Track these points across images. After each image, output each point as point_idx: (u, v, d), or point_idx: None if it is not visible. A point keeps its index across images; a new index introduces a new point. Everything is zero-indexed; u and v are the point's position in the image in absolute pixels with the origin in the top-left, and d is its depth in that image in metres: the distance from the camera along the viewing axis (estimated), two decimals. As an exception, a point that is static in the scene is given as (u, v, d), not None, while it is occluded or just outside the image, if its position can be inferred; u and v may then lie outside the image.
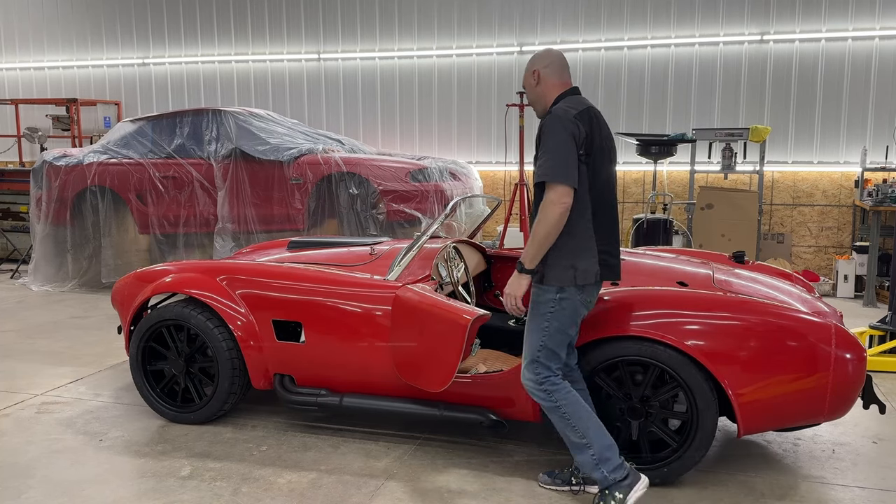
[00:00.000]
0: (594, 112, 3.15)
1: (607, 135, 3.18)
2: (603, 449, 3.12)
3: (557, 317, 3.11)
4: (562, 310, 3.10)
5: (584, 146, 3.03)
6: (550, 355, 3.14)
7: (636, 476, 3.15)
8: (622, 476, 3.11)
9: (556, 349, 3.14)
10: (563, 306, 3.10)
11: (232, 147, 7.49)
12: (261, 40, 10.08)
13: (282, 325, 4.04)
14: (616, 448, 3.16)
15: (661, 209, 7.94)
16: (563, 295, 3.09)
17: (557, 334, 3.12)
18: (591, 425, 3.13)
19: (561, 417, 3.14)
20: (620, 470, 3.12)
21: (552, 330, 3.12)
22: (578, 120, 3.03)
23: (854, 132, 8.21)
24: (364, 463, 3.74)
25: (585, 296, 3.14)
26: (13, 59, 11.27)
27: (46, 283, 8.07)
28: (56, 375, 5.13)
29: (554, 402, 3.13)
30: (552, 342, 3.12)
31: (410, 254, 4.01)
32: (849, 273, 7.61)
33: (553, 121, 3.04)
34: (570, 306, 3.11)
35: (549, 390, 3.13)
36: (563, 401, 3.12)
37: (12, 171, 9.66)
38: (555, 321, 3.11)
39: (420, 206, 7.12)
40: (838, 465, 3.72)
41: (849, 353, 3.28)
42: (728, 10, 8.36)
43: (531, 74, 3.23)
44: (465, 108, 9.38)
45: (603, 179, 3.16)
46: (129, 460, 3.79)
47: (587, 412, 3.15)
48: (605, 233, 3.18)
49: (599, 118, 3.17)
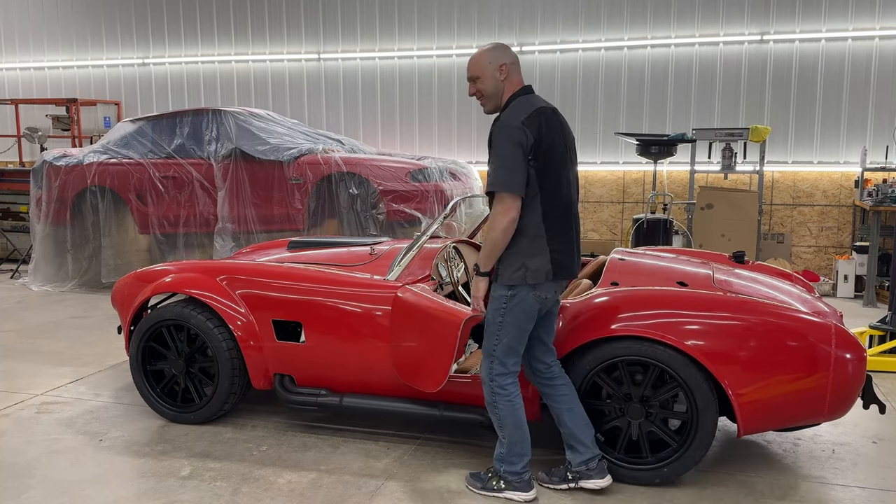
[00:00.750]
0: (546, 113, 3.16)
1: (561, 135, 3.20)
2: (512, 455, 3.34)
3: (511, 313, 3.21)
4: (514, 306, 3.20)
5: (533, 151, 3.08)
6: (507, 350, 3.24)
7: (529, 486, 3.35)
8: (515, 480, 3.35)
9: (512, 344, 3.24)
10: (514, 303, 3.19)
11: (232, 147, 7.49)
12: (261, 40, 10.08)
13: (282, 325, 4.04)
14: (525, 462, 3.35)
15: (661, 209, 7.94)
16: (514, 292, 3.19)
17: (511, 329, 3.22)
18: (516, 435, 3.31)
19: (493, 414, 3.34)
20: (516, 476, 3.34)
21: (505, 325, 3.22)
22: (526, 126, 3.07)
23: (854, 132, 8.21)
24: (364, 463, 3.74)
25: (539, 293, 3.21)
26: (13, 59, 11.27)
27: (46, 283, 8.07)
28: (56, 375, 5.13)
29: (494, 401, 3.30)
30: (506, 336, 3.23)
31: (410, 254, 4.01)
32: (849, 273, 7.61)
33: (500, 129, 3.10)
34: (523, 303, 3.19)
35: (495, 390, 3.28)
36: (501, 405, 3.28)
37: (12, 171, 9.66)
38: (508, 317, 3.21)
39: (420, 206, 7.12)
40: (838, 465, 3.72)
41: (849, 353, 3.28)
42: (728, 10, 8.36)
43: (498, 68, 3.18)
44: (465, 108, 9.37)
45: (555, 180, 3.18)
46: (129, 460, 3.79)
47: (516, 424, 3.30)
48: (557, 232, 3.21)
49: (551, 119, 3.17)
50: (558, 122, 3.22)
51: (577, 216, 3.35)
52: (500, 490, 3.37)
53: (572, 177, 3.31)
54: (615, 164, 8.92)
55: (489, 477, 3.42)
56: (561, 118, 3.27)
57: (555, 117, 3.21)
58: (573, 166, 3.32)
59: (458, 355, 3.43)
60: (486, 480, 3.42)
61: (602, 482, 3.38)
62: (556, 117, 3.23)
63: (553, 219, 3.19)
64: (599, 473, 3.38)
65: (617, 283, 3.77)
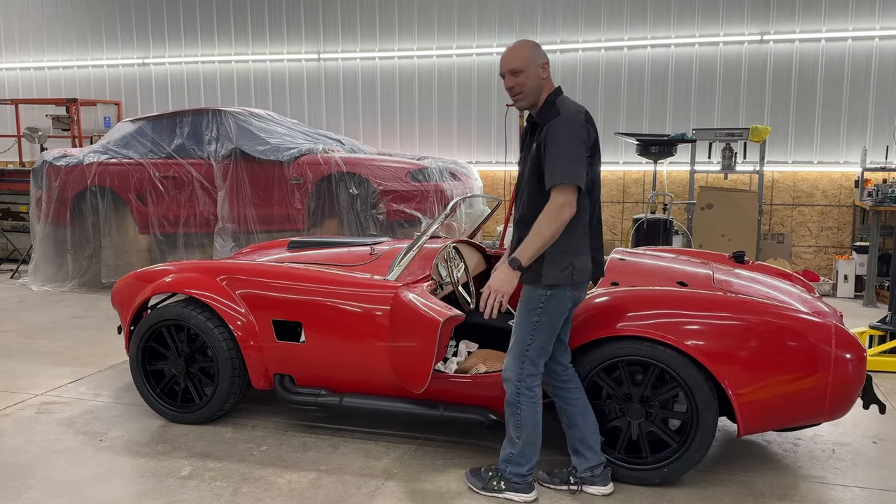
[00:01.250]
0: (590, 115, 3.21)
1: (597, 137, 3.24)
2: (523, 456, 3.32)
3: (548, 312, 3.18)
4: (552, 306, 3.17)
5: (590, 150, 3.11)
6: (540, 351, 3.22)
7: (531, 488, 3.34)
8: (517, 482, 3.33)
9: (545, 345, 3.22)
10: (553, 303, 3.17)
11: (232, 147, 7.49)
12: (261, 40, 10.08)
13: (282, 325, 4.04)
14: (532, 465, 3.33)
15: (661, 209, 7.94)
16: (553, 292, 3.15)
17: (547, 329, 3.19)
18: (532, 437, 3.29)
19: (513, 414, 3.29)
20: (520, 479, 3.33)
21: (542, 325, 3.18)
22: (587, 123, 3.11)
23: (854, 132, 8.21)
24: (364, 463, 3.74)
25: (576, 292, 3.22)
26: (13, 59, 11.27)
27: (46, 283, 8.07)
28: (56, 375, 5.13)
29: (518, 402, 3.26)
30: (540, 337, 3.20)
31: (410, 254, 4.01)
32: (849, 273, 7.61)
33: (564, 124, 3.06)
34: (561, 301, 3.18)
35: (522, 391, 3.24)
36: (525, 406, 3.25)
37: (12, 171, 9.66)
38: (545, 316, 3.18)
39: (420, 206, 7.12)
40: (838, 465, 3.72)
41: (849, 353, 3.28)
42: (728, 10, 8.36)
43: (542, 66, 3.15)
44: (465, 108, 9.38)
45: (594, 181, 3.23)
46: (129, 460, 3.79)
47: (535, 426, 3.28)
48: (594, 232, 3.28)
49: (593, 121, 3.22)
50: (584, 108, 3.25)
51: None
52: (501, 490, 3.36)
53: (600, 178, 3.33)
54: (615, 164, 8.92)
55: (490, 476, 3.41)
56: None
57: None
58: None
59: (440, 356, 3.43)
60: (486, 480, 3.41)
61: (605, 489, 3.38)
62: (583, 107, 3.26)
63: (594, 218, 3.25)
64: (603, 480, 3.38)
65: (617, 283, 3.77)
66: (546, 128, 3.09)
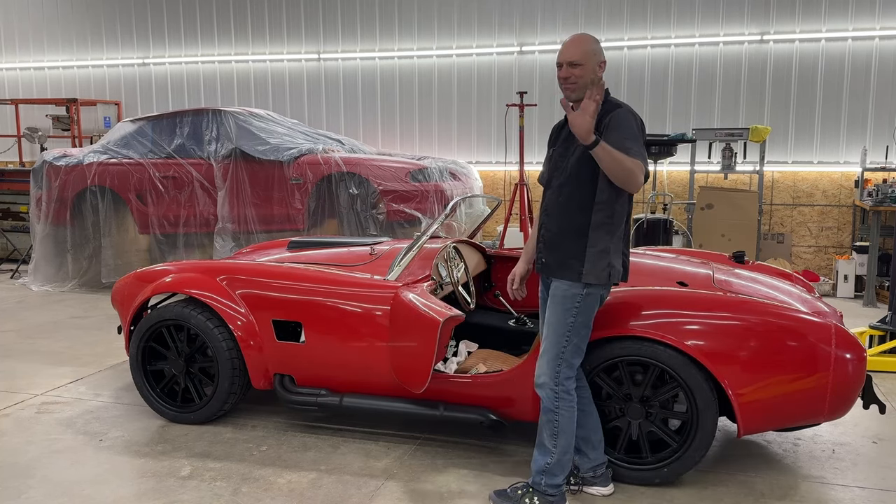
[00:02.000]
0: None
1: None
2: (558, 465, 3.21)
3: (583, 311, 3.14)
4: (587, 305, 3.15)
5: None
6: (576, 351, 3.17)
7: (563, 501, 3.25)
8: (552, 495, 3.21)
9: (581, 345, 3.19)
10: (587, 302, 3.14)
11: (232, 147, 7.49)
12: (261, 40, 10.08)
13: (282, 325, 4.04)
14: (567, 473, 3.26)
15: (661, 209, 7.94)
16: (589, 291, 3.13)
17: (582, 329, 3.16)
18: (569, 444, 3.21)
19: (550, 421, 3.19)
20: (556, 489, 3.22)
21: (577, 325, 3.14)
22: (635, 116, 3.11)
23: (854, 132, 8.21)
24: (364, 463, 3.74)
25: (606, 292, 3.24)
26: (13, 59, 11.27)
27: (46, 283, 8.07)
28: (56, 375, 5.13)
29: (556, 407, 3.17)
30: (577, 337, 3.16)
31: (410, 254, 4.01)
32: (849, 273, 7.61)
33: (629, 115, 3.07)
34: (593, 301, 3.16)
35: (560, 395, 3.16)
36: (563, 411, 3.16)
37: (12, 171, 9.66)
38: (581, 316, 3.14)
39: (420, 206, 7.12)
40: (838, 465, 3.72)
41: (849, 353, 3.28)
42: (728, 10, 8.36)
43: (599, 64, 3.12)
44: (465, 108, 9.37)
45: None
46: (129, 460, 3.79)
47: (572, 433, 3.21)
48: (627, 237, 3.27)
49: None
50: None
51: None
52: None
53: None
54: (615, 164, 8.91)
55: (520, 494, 3.23)
56: None
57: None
58: None
59: (440, 356, 3.43)
60: (517, 499, 3.22)
61: (606, 490, 3.38)
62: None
63: (628, 224, 3.23)
64: (604, 481, 3.38)
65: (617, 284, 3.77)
66: (611, 116, 3.05)
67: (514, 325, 4.53)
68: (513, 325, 4.52)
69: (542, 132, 8.81)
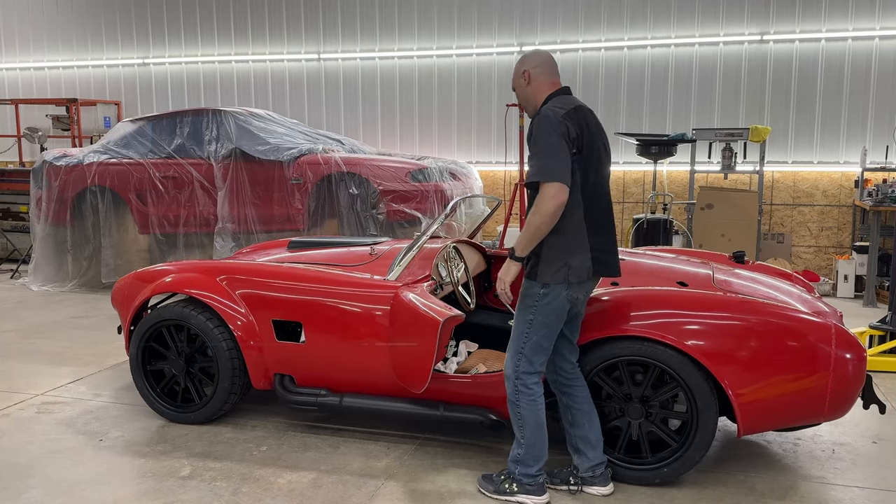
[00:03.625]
0: (584, 111, 3.21)
1: (598, 132, 3.23)
2: (530, 457, 3.29)
3: (542, 311, 3.19)
4: (546, 304, 3.18)
5: (577, 145, 3.10)
6: (536, 348, 3.22)
7: (542, 490, 3.32)
8: (529, 483, 3.30)
9: (542, 343, 3.22)
10: (546, 301, 3.17)
11: (232, 147, 7.49)
12: (261, 40, 10.08)
13: (282, 325, 4.04)
14: (541, 464, 3.31)
15: (661, 209, 7.94)
16: (547, 290, 3.16)
17: (542, 328, 3.20)
18: (536, 437, 3.27)
19: (514, 413, 3.30)
20: (531, 479, 3.30)
21: (536, 323, 3.20)
22: (567, 119, 3.09)
23: (854, 132, 8.21)
24: (364, 463, 3.74)
25: (572, 292, 3.19)
26: (13, 59, 11.27)
27: (46, 283, 8.07)
28: (56, 375, 5.13)
29: (517, 400, 3.26)
30: (536, 335, 3.21)
31: (410, 254, 4.01)
32: (849, 273, 7.61)
33: (542, 121, 3.10)
34: (555, 301, 3.18)
35: (519, 388, 3.24)
36: (524, 403, 3.25)
37: (12, 171, 9.66)
38: (539, 315, 3.19)
39: (420, 206, 7.12)
40: (838, 465, 3.72)
41: (849, 353, 3.28)
42: (728, 10, 8.36)
43: (521, 75, 3.29)
44: (465, 108, 9.38)
45: (595, 177, 3.20)
46: (129, 460, 3.79)
47: (538, 425, 3.26)
48: (597, 229, 3.21)
49: (589, 117, 3.21)
50: (597, 121, 3.27)
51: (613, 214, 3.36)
52: (513, 493, 3.32)
53: (607, 175, 3.32)
54: (615, 164, 8.90)
55: (501, 479, 3.37)
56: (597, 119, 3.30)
57: (593, 116, 3.26)
58: (609, 165, 3.33)
59: (440, 356, 3.43)
60: (498, 483, 3.37)
61: (605, 490, 3.38)
62: (595, 116, 3.28)
63: (594, 215, 3.19)
64: (603, 481, 3.38)
65: (617, 283, 3.77)
66: (529, 127, 3.18)
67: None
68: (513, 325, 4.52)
69: (542, 132, 8.80)
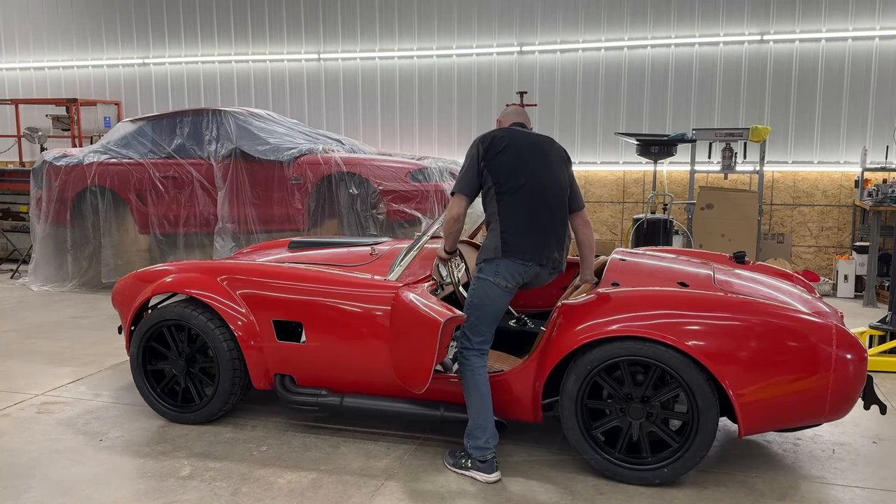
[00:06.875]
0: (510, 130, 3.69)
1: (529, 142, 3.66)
2: (476, 427, 3.54)
3: (476, 294, 3.60)
4: (478, 288, 3.60)
5: (484, 158, 3.58)
6: (472, 328, 3.58)
7: (491, 468, 3.52)
8: (480, 457, 3.53)
9: (478, 324, 3.57)
10: (479, 285, 3.60)
11: (232, 147, 7.48)
12: (261, 40, 10.08)
13: (282, 326, 4.04)
14: (488, 436, 3.53)
15: (661, 209, 7.94)
16: (480, 275, 3.60)
17: (476, 310, 3.58)
18: (479, 408, 3.53)
19: (463, 384, 3.60)
20: (481, 451, 3.52)
21: (472, 305, 3.60)
22: (480, 142, 3.64)
23: (854, 132, 8.21)
24: (364, 463, 3.74)
25: (499, 280, 3.54)
26: (13, 59, 11.27)
27: (46, 283, 8.06)
28: (56, 375, 5.13)
29: (461, 371, 3.60)
30: (473, 316, 3.58)
31: (411, 254, 4.01)
32: (849, 273, 7.61)
33: (473, 146, 3.67)
34: (484, 286, 3.57)
35: (461, 360, 3.60)
36: (465, 374, 3.57)
37: (12, 171, 9.66)
38: (474, 297, 3.60)
39: (420, 206, 7.12)
40: (838, 465, 3.72)
41: (849, 354, 3.28)
42: (728, 10, 8.36)
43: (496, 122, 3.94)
44: (465, 108, 9.38)
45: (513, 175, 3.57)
46: (129, 460, 3.78)
47: (481, 396, 3.53)
48: (510, 216, 3.57)
49: (516, 133, 3.68)
50: (527, 135, 3.72)
51: (557, 212, 3.65)
52: (467, 468, 3.56)
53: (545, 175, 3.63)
54: (615, 164, 8.92)
55: (461, 454, 3.63)
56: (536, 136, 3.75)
57: (523, 132, 3.72)
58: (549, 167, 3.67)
59: (441, 356, 3.43)
60: (458, 457, 3.63)
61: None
62: (526, 134, 3.72)
63: (508, 205, 3.57)
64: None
65: (618, 284, 3.77)
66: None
67: (515, 325, 4.53)
68: (513, 326, 4.52)
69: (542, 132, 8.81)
